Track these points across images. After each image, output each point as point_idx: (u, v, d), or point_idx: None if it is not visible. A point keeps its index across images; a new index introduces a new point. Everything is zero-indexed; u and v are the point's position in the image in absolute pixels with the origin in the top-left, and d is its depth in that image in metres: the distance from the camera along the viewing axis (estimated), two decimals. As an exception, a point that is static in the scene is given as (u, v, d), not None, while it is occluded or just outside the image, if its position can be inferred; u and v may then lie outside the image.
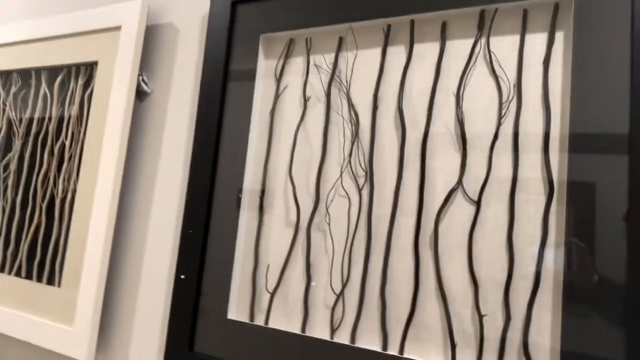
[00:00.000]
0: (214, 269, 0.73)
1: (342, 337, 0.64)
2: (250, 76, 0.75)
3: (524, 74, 0.58)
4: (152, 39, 0.90)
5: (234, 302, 0.72)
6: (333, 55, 0.71)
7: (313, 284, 0.66)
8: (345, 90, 0.69)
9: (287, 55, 0.74)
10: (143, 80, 0.88)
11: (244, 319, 0.71)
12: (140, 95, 0.89)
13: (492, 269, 0.57)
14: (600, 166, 0.52)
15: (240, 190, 0.73)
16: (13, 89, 1.06)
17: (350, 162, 0.67)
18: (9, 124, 1.05)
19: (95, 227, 0.83)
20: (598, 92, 0.53)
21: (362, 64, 0.68)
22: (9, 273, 0.97)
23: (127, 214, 0.87)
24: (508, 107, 0.59)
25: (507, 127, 0.58)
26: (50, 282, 0.90)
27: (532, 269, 0.55)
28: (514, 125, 0.58)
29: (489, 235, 0.57)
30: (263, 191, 0.73)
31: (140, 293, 0.82)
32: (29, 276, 0.94)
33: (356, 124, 0.67)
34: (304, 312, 0.67)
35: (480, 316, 0.56)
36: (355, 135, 0.67)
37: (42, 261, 0.93)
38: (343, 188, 0.67)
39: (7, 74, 1.08)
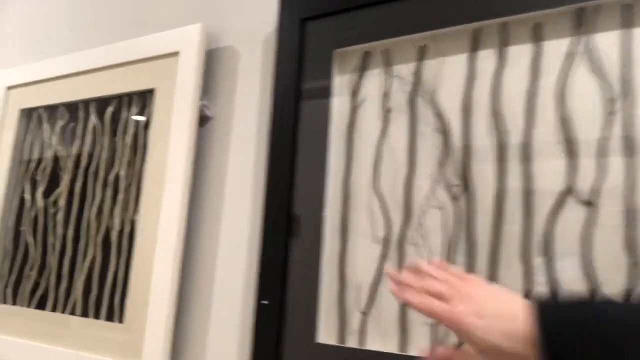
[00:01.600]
0: (298, 291, 0.70)
1: (451, 357, 0.60)
2: (324, 93, 0.74)
3: (634, 70, 0.57)
4: (212, 62, 0.89)
5: (322, 324, 0.68)
6: (414, 64, 0.70)
7: (415, 301, 0.63)
8: (430, 99, 0.67)
9: (363, 68, 0.73)
10: (205, 105, 0.86)
11: (335, 342, 0.67)
12: (202, 120, 0.87)
13: (612, 272, 0.54)
14: None
15: (321, 209, 0.71)
16: (60, 123, 1.05)
17: (442, 171, 0.65)
18: (56, 159, 1.03)
19: (161, 258, 0.80)
20: None
21: (448, 71, 0.67)
22: (63, 312, 0.93)
23: (195, 243, 0.84)
24: (615, 105, 0.57)
25: (617, 126, 0.57)
26: (110, 318, 0.86)
27: (659, 270, 0.52)
28: (625, 125, 0.56)
29: (606, 238, 0.55)
30: (346, 209, 0.70)
31: (212, 325, 0.78)
32: (85, 313, 0.90)
33: (445, 132, 0.66)
34: (401, 331, 0.63)
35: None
36: (446, 143, 0.65)
37: (100, 297, 0.89)
38: (436, 199, 0.64)
39: (52, 109, 1.07)
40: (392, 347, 0.63)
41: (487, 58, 0.65)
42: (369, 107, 0.72)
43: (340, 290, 0.68)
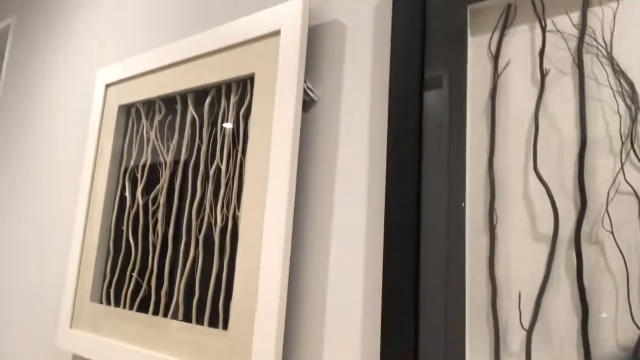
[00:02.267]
0: (434, 300, 0.57)
1: (662, 392, 0.44)
2: (458, 60, 0.61)
3: None
4: (315, 40, 0.80)
5: (470, 343, 0.55)
6: (577, 13, 0.55)
7: (604, 315, 0.48)
8: (605, 54, 0.52)
9: (506, 25, 0.59)
10: (309, 87, 0.77)
11: (490, 366, 0.54)
12: (306, 104, 0.78)
13: None
14: None
15: (462, 200, 0.58)
16: (157, 117, 1.01)
17: (632, 146, 0.49)
18: (155, 154, 0.99)
19: (268, 258, 0.71)
20: None
21: (627, 17, 0.52)
22: (165, 315, 0.88)
23: (304, 242, 0.74)
24: None
25: None
26: (214, 324, 0.79)
27: None
28: None
29: None
30: (493, 198, 0.57)
31: (328, 333, 0.68)
32: (187, 318, 0.84)
33: (631, 95, 0.50)
34: (584, 353, 0.48)
35: None
36: (635, 109, 0.50)
37: (202, 300, 0.83)
38: (627, 182, 0.49)
39: (149, 103, 1.03)
40: (565, 373, 0.49)
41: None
42: (516, 70, 0.58)
43: (493, 299, 0.55)
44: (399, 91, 0.64)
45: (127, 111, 1.08)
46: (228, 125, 0.85)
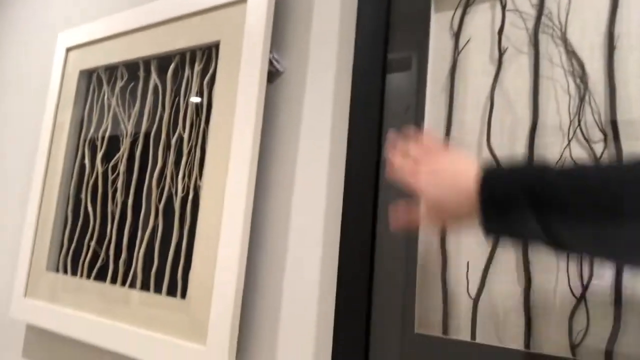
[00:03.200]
0: (389, 270, 0.59)
1: (590, 355, 0.47)
2: (420, 36, 0.62)
3: None
4: (283, 11, 0.79)
5: (420, 311, 0.57)
6: (535, -5, 0.56)
7: (545, 286, 0.51)
8: (559, 34, 0.54)
9: (468, 3, 0.60)
10: (274, 58, 0.76)
11: (437, 333, 0.56)
12: (271, 75, 0.77)
13: None
14: None
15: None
16: (119, 84, 0.98)
17: (579, 124, 0.51)
18: (115, 121, 0.97)
19: (229, 228, 0.71)
20: None
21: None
22: (123, 284, 0.87)
23: (264, 210, 0.75)
24: None
25: None
26: (171, 293, 0.79)
27: None
28: None
29: None
30: (448, 171, 0.58)
31: (285, 304, 0.69)
32: (145, 287, 0.84)
33: (582, 74, 0.52)
34: (525, 322, 0.51)
35: None
36: (583, 88, 0.51)
37: (161, 270, 0.82)
38: (572, 159, 0.51)
39: (111, 69, 1.00)
40: (512, 342, 0.51)
41: (646, -25, 0.50)
42: (475, 48, 0.59)
43: (443, 270, 0.57)
44: (362, 71, 0.65)
45: (89, 77, 1.05)
46: (195, 100, 0.84)
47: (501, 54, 0.57)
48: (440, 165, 0.45)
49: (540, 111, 0.54)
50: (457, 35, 0.60)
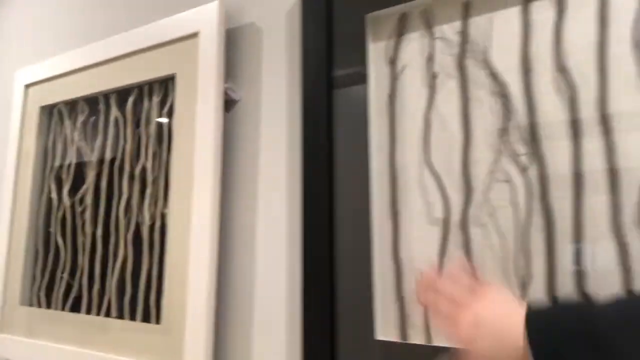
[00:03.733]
0: (350, 284, 0.63)
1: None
2: (359, 64, 0.67)
3: None
4: (233, 41, 0.83)
5: (380, 319, 0.62)
6: (458, 23, 0.61)
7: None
8: (482, 59, 0.59)
9: (400, 33, 0.66)
10: (229, 88, 0.80)
11: (396, 338, 0.60)
12: (228, 104, 0.81)
13: None
14: None
15: (367, 192, 0.64)
16: (81, 118, 1.00)
17: (505, 140, 0.57)
18: (79, 155, 0.99)
19: (196, 253, 0.75)
20: None
21: (498, 26, 0.59)
22: (98, 314, 0.89)
23: (230, 234, 0.78)
24: None
25: None
26: (147, 319, 0.82)
27: None
28: None
29: None
30: (394, 188, 0.63)
31: (256, 322, 0.73)
32: (120, 315, 0.86)
33: (504, 95, 0.58)
34: (470, 322, 0.56)
35: None
36: (506, 107, 0.57)
37: (134, 297, 0.85)
38: (501, 171, 0.57)
39: (72, 104, 1.02)
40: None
41: (542, 8, 0.56)
42: (410, 74, 0.64)
43: (397, 278, 0.62)
44: (310, 92, 0.69)
45: (50, 112, 1.06)
46: (163, 120, 0.86)
47: (433, 79, 0.62)
48: (481, 310, 0.43)
49: (470, 129, 0.59)
50: (392, 62, 0.66)
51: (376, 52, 0.67)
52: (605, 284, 0.50)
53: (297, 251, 0.70)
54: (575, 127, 0.53)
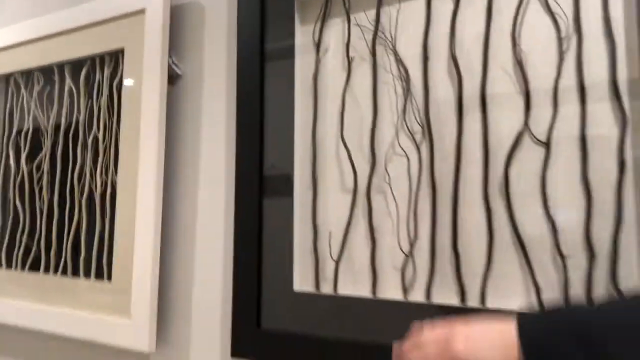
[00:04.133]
0: (273, 243, 0.72)
1: (417, 297, 0.63)
2: (288, 44, 0.73)
3: (582, 6, 0.56)
4: (178, 19, 0.88)
5: (297, 273, 0.71)
6: (373, 12, 0.69)
7: (384, 246, 0.65)
8: (391, 46, 0.67)
9: (325, 17, 0.72)
10: (174, 63, 0.86)
11: (311, 289, 0.70)
12: (172, 78, 0.87)
13: (569, 210, 0.55)
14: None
15: (291, 163, 0.72)
16: (36, 88, 1.05)
17: (404, 119, 0.65)
18: (36, 123, 1.04)
19: (142, 217, 0.82)
20: (670, 14, 0.51)
21: (406, 17, 0.66)
22: (55, 273, 0.96)
23: (173, 199, 0.86)
24: (568, 44, 0.57)
25: (569, 64, 0.56)
26: (99, 277, 0.90)
27: (611, 205, 0.53)
28: (577, 61, 0.56)
29: (563, 176, 0.56)
30: (315, 160, 0.71)
31: (196, 278, 0.81)
32: (75, 273, 0.94)
33: (406, 79, 0.65)
34: (372, 275, 0.66)
35: (563, 257, 0.55)
36: (407, 90, 0.65)
37: (88, 257, 0.92)
38: (400, 146, 0.65)
39: (27, 74, 1.06)
40: (364, 292, 0.66)
41: (444, 2, 0.64)
42: (332, 57, 0.71)
43: (314, 240, 0.70)
44: (244, 65, 0.76)
45: (6, 81, 1.10)
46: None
47: (349, 62, 0.70)
48: (470, 329, 0.41)
49: (378, 109, 0.67)
50: (317, 45, 0.73)
51: (304, 35, 0.74)
52: (475, 242, 0.59)
53: (232, 214, 0.78)
54: (459, 112, 0.62)
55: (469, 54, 0.62)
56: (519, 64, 0.59)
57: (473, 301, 0.59)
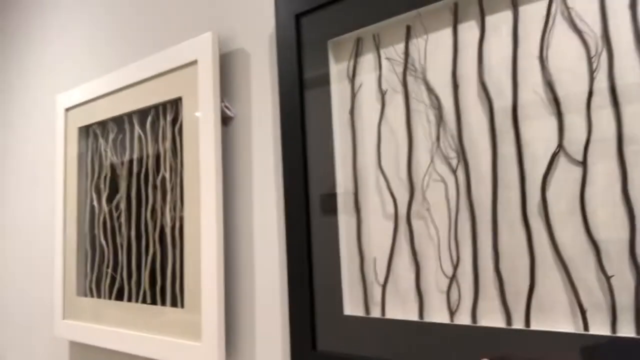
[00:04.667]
0: (324, 269, 0.76)
1: (463, 319, 0.64)
2: (324, 82, 0.78)
3: (610, 22, 0.56)
4: (227, 65, 0.96)
5: (347, 298, 0.74)
6: (402, 45, 0.72)
7: (429, 270, 0.67)
8: (421, 76, 0.69)
9: (357, 55, 0.76)
10: (226, 106, 0.94)
11: (360, 313, 0.73)
12: (226, 120, 0.94)
13: (611, 228, 0.55)
14: None
15: (335, 193, 0.76)
16: (111, 136, 1.17)
17: (439, 145, 0.67)
18: (113, 168, 1.16)
19: (207, 247, 0.90)
20: (700, 24, 0.49)
21: (434, 47, 0.69)
22: (136, 301, 1.07)
23: (232, 229, 0.93)
24: (599, 61, 0.56)
25: (601, 82, 0.56)
26: (174, 304, 0.99)
27: (656, 221, 0.52)
28: (609, 78, 0.56)
29: (602, 194, 0.55)
30: (356, 189, 0.75)
31: (257, 302, 0.88)
32: (154, 302, 1.03)
33: (438, 107, 0.68)
34: (418, 299, 0.68)
35: (607, 278, 0.54)
36: (440, 118, 0.67)
37: (163, 286, 1.02)
38: (437, 172, 0.67)
39: (103, 124, 1.20)
40: (412, 315, 0.68)
41: (469, 29, 0.65)
42: (366, 90, 0.75)
43: (361, 265, 0.74)
44: (286, 107, 0.82)
45: (86, 131, 1.24)
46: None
47: (383, 94, 0.73)
48: None
49: (413, 137, 0.70)
50: (352, 80, 0.77)
51: (339, 72, 0.78)
52: (517, 264, 0.60)
53: (283, 244, 0.84)
54: (493, 135, 0.63)
55: (498, 78, 0.63)
56: (549, 85, 0.59)
57: (518, 323, 0.59)
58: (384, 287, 0.71)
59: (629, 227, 0.54)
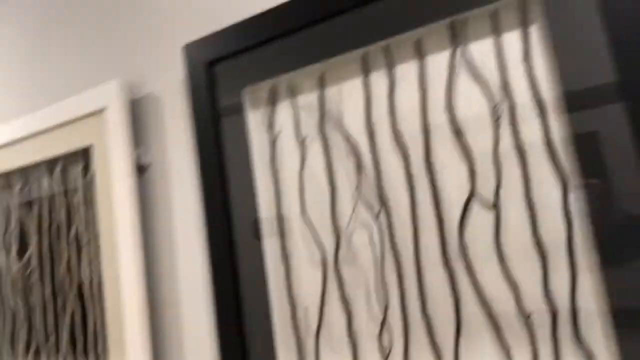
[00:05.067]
0: (255, 320, 0.74)
1: (395, 363, 0.65)
2: (241, 130, 0.76)
3: (509, 72, 0.59)
4: (138, 111, 0.91)
5: (281, 349, 0.73)
6: (316, 94, 0.72)
7: (361, 314, 0.67)
8: (338, 124, 0.70)
9: (274, 102, 0.75)
10: (140, 153, 0.89)
11: (295, 364, 0.72)
12: (141, 168, 0.90)
13: (526, 266, 0.58)
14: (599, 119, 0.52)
15: (260, 242, 0.74)
16: (17, 187, 1.08)
17: (361, 191, 0.68)
18: (21, 222, 1.07)
19: (130, 304, 0.85)
20: (579, 58, 0.53)
21: (348, 95, 0.69)
22: (57, 365, 0.99)
23: (155, 280, 0.88)
24: (501, 110, 0.59)
25: (505, 128, 0.59)
26: (99, 365, 0.92)
27: (564, 260, 0.55)
28: (511, 123, 0.59)
29: (514, 236, 0.58)
30: (283, 238, 0.74)
31: (185, 354, 0.84)
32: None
33: (356, 154, 0.68)
34: (351, 346, 0.68)
35: (526, 316, 0.57)
36: (359, 164, 0.68)
37: (85, 347, 0.95)
38: (360, 218, 0.68)
39: (6, 175, 1.10)
40: None
41: (379, 79, 0.67)
42: (285, 138, 0.74)
43: (292, 314, 0.73)
44: (204, 154, 0.79)
45: (-14, 183, 1.13)
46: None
47: (302, 141, 0.72)
48: None
49: (335, 184, 0.70)
50: (269, 127, 0.75)
51: (256, 119, 0.77)
52: (442, 306, 0.62)
53: (210, 291, 0.81)
54: (409, 182, 0.64)
55: (410, 126, 0.65)
56: (457, 133, 0.62)
57: (448, 364, 0.61)
58: (317, 335, 0.71)
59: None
